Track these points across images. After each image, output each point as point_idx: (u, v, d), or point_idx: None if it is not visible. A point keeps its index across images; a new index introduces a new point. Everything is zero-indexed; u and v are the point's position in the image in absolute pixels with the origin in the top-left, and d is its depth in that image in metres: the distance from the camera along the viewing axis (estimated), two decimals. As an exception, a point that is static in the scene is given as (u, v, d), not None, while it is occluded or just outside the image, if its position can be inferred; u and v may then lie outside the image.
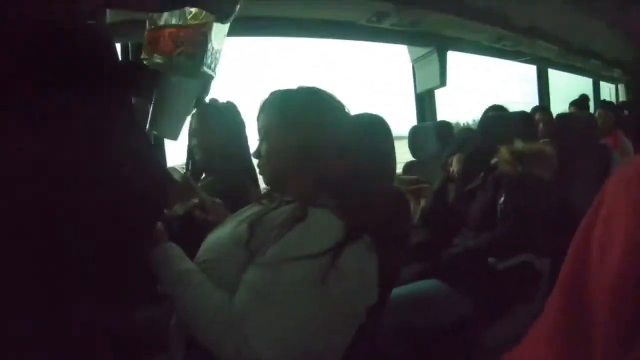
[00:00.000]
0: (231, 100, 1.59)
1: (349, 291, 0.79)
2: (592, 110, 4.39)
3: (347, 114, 0.99)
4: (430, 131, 2.52)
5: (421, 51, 2.93)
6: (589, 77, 5.31)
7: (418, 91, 3.05)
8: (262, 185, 1.24)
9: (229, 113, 1.57)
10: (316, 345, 0.79)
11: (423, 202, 2.13)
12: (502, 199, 1.65)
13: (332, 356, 0.83)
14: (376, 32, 2.47)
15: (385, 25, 2.38)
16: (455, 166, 1.94)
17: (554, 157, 1.75)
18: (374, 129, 1.18)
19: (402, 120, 3.12)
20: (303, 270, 0.77)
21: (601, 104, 3.69)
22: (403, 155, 2.64)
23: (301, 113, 0.94)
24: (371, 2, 2.15)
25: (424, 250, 1.85)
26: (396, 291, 1.62)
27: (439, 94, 3.11)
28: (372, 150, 1.11)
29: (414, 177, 2.33)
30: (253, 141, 1.02)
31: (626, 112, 4.08)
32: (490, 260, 1.65)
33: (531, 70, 4.26)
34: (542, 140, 2.15)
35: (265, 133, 0.96)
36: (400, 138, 2.94)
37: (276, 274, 0.78)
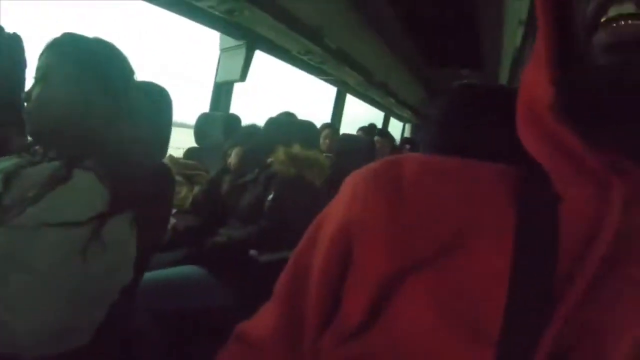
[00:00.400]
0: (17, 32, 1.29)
1: (108, 265, 0.73)
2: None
3: (133, 79, 0.92)
4: (218, 121, 2.50)
5: (232, 42, 2.88)
6: (382, 110, 5.97)
7: (217, 80, 3.00)
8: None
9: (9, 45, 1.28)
10: (69, 318, 0.70)
11: (196, 189, 2.10)
12: (271, 195, 1.72)
13: (84, 333, 0.74)
14: (192, 9, 2.33)
15: (202, 4, 2.26)
16: (233, 158, 1.95)
17: (327, 167, 1.90)
18: (156, 100, 1.09)
19: (195, 107, 3.01)
20: (62, 238, 0.68)
21: (379, 131, 4.25)
22: (189, 143, 2.57)
23: (87, 64, 0.83)
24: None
25: (191, 236, 1.82)
26: (156, 274, 1.55)
27: (243, 91, 3.12)
28: (149, 122, 1.03)
29: (192, 162, 2.28)
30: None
31: (407, 147, 4.69)
32: (252, 252, 1.69)
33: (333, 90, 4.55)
34: (324, 154, 2.33)
35: (42, 74, 0.82)
36: (189, 126, 2.85)
37: (30, 238, 0.67)
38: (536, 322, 0.30)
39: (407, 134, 7.08)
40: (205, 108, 2.93)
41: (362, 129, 4.14)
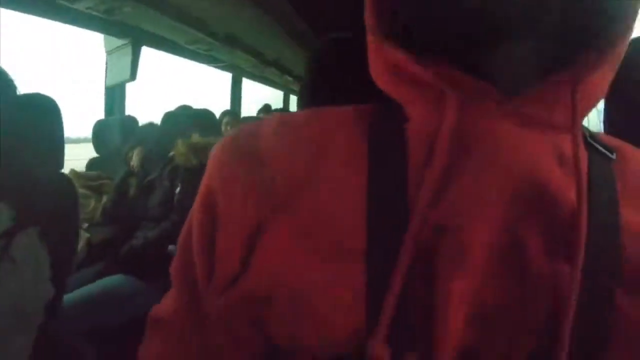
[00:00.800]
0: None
1: (23, 282, 0.72)
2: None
3: (14, 90, 0.90)
4: (115, 125, 2.44)
5: (116, 42, 2.72)
6: (281, 89, 5.90)
7: (108, 84, 2.84)
8: None
9: None
10: None
11: (104, 198, 2.05)
12: (178, 189, 1.74)
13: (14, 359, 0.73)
14: (69, 13, 2.15)
15: (80, 6, 2.09)
16: (135, 159, 1.93)
17: None
18: (43, 110, 1.06)
19: (92, 117, 2.87)
20: None
21: (264, 108, 4.29)
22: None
23: None
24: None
25: (108, 247, 1.79)
26: (82, 291, 1.52)
27: (135, 90, 3.01)
28: (38, 133, 1.01)
29: (95, 172, 2.22)
30: None
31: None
32: (170, 247, 1.70)
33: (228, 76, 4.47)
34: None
35: None
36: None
37: None
38: (396, 230, 0.30)
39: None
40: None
41: (261, 110, 4.17)
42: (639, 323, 0.29)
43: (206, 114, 2.21)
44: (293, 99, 6.45)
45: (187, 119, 2.13)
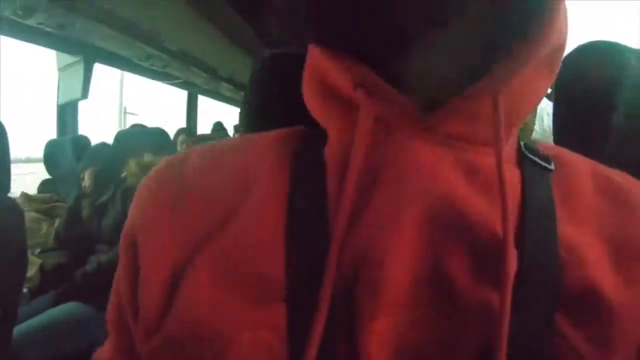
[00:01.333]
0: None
1: None
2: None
3: None
4: (66, 145, 2.37)
5: (69, 59, 2.70)
6: (236, 106, 5.73)
7: (60, 102, 2.79)
8: None
9: None
10: None
11: (57, 222, 1.99)
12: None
13: None
14: (19, 28, 2.11)
15: (31, 22, 2.06)
16: (87, 180, 1.89)
17: None
18: None
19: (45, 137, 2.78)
20: None
21: (215, 126, 4.32)
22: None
23: None
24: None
25: (63, 273, 1.75)
26: (36, 320, 1.47)
27: (91, 108, 2.95)
28: None
29: (47, 195, 2.16)
30: None
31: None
32: None
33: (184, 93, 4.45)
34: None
35: None
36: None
37: None
38: (315, 266, 0.28)
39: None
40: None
41: (214, 128, 4.16)
42: (582, 346, 0.28)
43: (160, 133, 2.18)
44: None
45: (140, 139, 2.11)
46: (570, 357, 0.27)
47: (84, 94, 2.69)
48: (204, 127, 4.65)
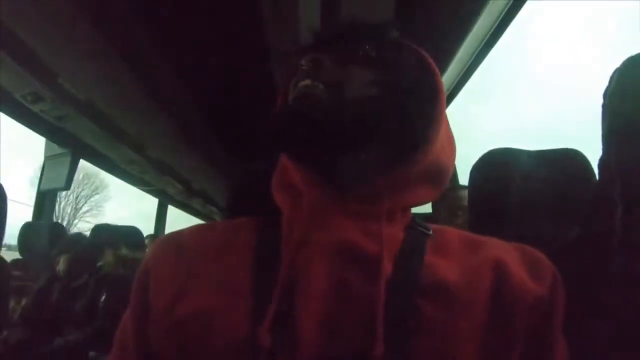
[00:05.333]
0: None
1: None
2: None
3: None
4: (42, 230, 2.52)
5: (57, 149, 2.78)
6: (203, 220, 5.64)
7: (41, 188, 2.89)
8: None
9: None
10: None
11: (24, 300, 2.10)
12: (104, 296, 1.89)
13: None
14: (24, 111, 2.18)
15: (35, 108, 2.15)
16: (61, 265, 2.06)
17: None
18: None
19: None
20: None
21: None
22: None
23: None
24: (34, 80, 1.89)
25: (25, 349, 1.83)
26: None
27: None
28: None
29: (19, 273, 2.25)
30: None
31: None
32: (91, 354, 1.78)
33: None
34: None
35: None
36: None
37: None
38: (270, 283, 0.42)
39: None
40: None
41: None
42: (434, 316, 0.41)
43: (134, 231, 2.43)
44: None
45: (115, 233, 2.33)
46: (428, 322, 0.41)
47: (67, 185, 2.77)
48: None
